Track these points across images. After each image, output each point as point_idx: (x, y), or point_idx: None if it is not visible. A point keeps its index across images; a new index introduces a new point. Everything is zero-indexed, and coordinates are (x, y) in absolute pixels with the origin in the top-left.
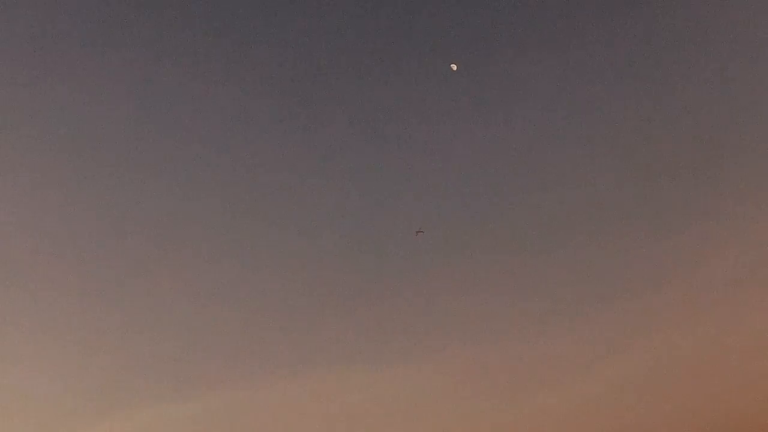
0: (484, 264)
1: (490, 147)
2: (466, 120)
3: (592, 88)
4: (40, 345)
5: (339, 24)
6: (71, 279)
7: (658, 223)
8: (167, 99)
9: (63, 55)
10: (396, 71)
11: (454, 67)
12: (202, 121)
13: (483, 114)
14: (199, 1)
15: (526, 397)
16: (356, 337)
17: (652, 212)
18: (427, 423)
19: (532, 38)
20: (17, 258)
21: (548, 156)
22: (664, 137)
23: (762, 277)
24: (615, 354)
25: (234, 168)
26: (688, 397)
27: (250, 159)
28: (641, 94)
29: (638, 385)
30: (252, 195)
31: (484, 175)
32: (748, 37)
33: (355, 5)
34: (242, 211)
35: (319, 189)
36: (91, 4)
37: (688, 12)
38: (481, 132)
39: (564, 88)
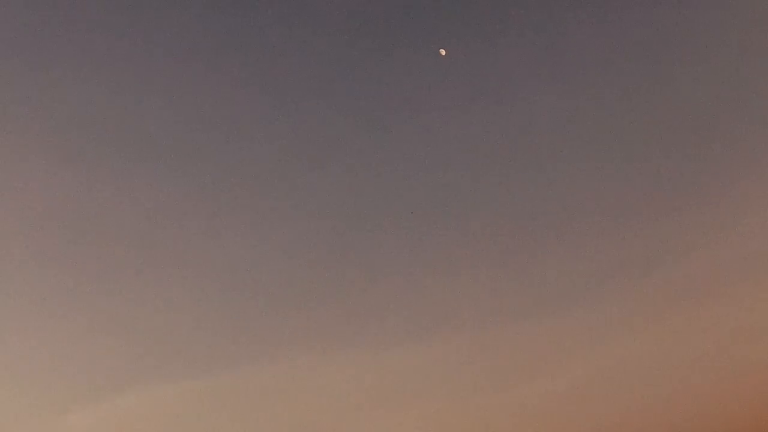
0: (475, 250)
1: (483, 132)
2: (460, 102)
3: (588, 74)
4: (38, 322)
5: (330, 8)
6: (70, 258)
7: (653, 213)
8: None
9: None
10: (389, 53)
11: (443, 52)
12: (191, 107)
13: (476, 98)
14: None
15: (518, 383)
16: (346, 320)
17: (647, 203)
18: (415, 407)
19: (526, 21)
20: (13, 232)
21: (542, 142)
22: (661, 128)
23: (748, 269)
24: (605, 343)
25: (230, 160)
26: (673, 388)
27: (245, 150)
28: (641, 82)
29: (625, 375)
30: (243, 184)
31: (475, 163)
32: (745, 30)
33: None
34: (236, 193)
35: (308, 172)
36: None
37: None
38: (475, 116)
39: (557, 75)
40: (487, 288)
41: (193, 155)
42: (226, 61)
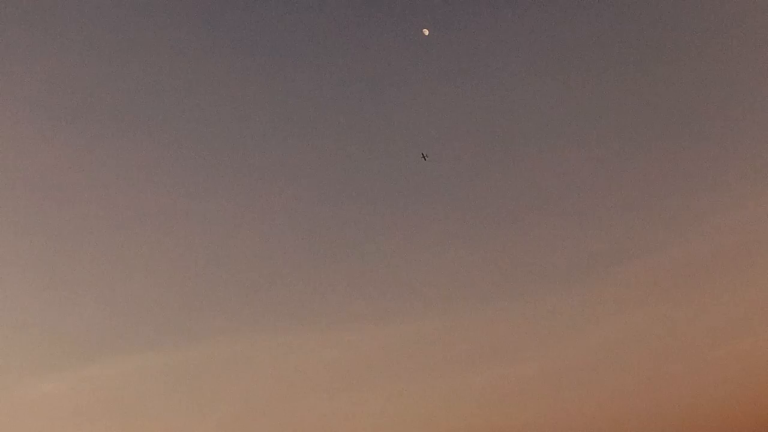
0: (454, 232)
1: (467, 112)
2: (444, 81)
3: (576, 63)
4: (11, 291)
5: None
6: (40, 230)
7: (634, 204)
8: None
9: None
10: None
11: (426, 32)
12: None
13: (461, 78)
14: None
15: (492, 366)
16: (318, 298)
17: (629, 194)
18: (384, 387)
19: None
20: (7, 197)
21: (527, 124)
22: (648, 107)
23: (726, 261)
24: (581, 328)
25: (237, 127)
26: (646, 373)
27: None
28: (630, 73)
29: (600, 359)
30: (222, 155)
31: (459, 144)
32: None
33: None
34: (215, 167)
35: (289, 144)
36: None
37: None
38: (461, 96)
39: (544, 59)
40: (464, 269)
41: (169, 123)
42: (215, 25)
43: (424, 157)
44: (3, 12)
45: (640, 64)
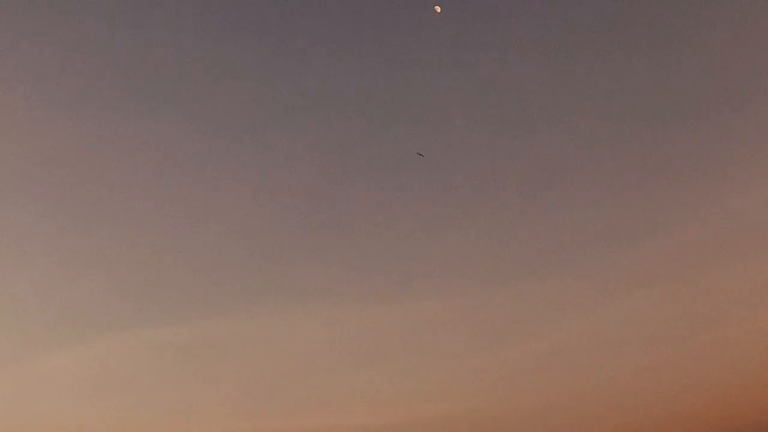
0: (462, 212)
1: (475, 91)
2: (453, 59)
3: (584, 43)
4: (19, 265)
5: None
6: (51, 204)
7: (641, 187)
8: None
9: None
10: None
11: (438, 9)
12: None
13: (468, 57)
14: None
15: (499, 345)
16: (328, 275)
17: (636, 176)
18: (390, 366)
19: None
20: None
21: (534, 103)
22: (653, 91)
23: (728, 245)
24: (587, 308)
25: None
26: (650, 353)
27: (237, 98)
28: (636, 54)
29: (606, 339)
30: (230, 132)
31: (464, 122)
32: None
33: None
34: (223, 143)
35: (297, 122)
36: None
37: None
38: (468, 74)
39: (552, 35)
40: (472, 250)
41: (173, 99)
42: (227, 4)
43: (420, 154)
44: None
45: (646, 44)
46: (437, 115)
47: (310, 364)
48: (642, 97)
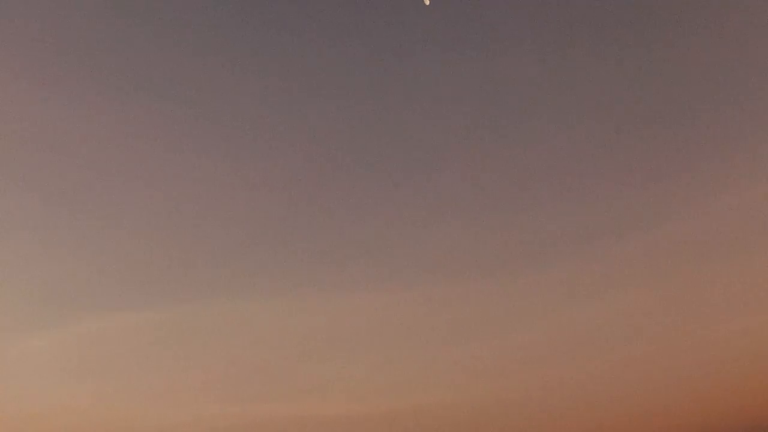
0: (458, 202)
1: (468, 82)
2: (446, 51)
3: (579, 35)
4: (19, 240)
5: None
6: (33, 184)
7: (634, 180)
8: None
9: None
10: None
11: (427, 1)
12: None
13: (461, 48)
14: None
15: (489, 335)
16: (319, 262)
17: (630, 168)
18: (377, 354)
19: None
20: None
21: (529, 95)
22: (653, 86)
23: (721, 241)
24: (581, 300)
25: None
26: (643, 346)
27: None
28: (631, 47)
29: (599, 331)
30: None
31: (460, 114)
32: None
33: None
34: (214, 128)
35: (293, 109)
36: None
37: None
38: (461, 66)
39: (546, 27)
40: (457, 241)
41: (161, 78)
42: None
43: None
44: None
45: (641, 38)
46: (427, 105)
47: (292, 352)
48: (635, 91)
